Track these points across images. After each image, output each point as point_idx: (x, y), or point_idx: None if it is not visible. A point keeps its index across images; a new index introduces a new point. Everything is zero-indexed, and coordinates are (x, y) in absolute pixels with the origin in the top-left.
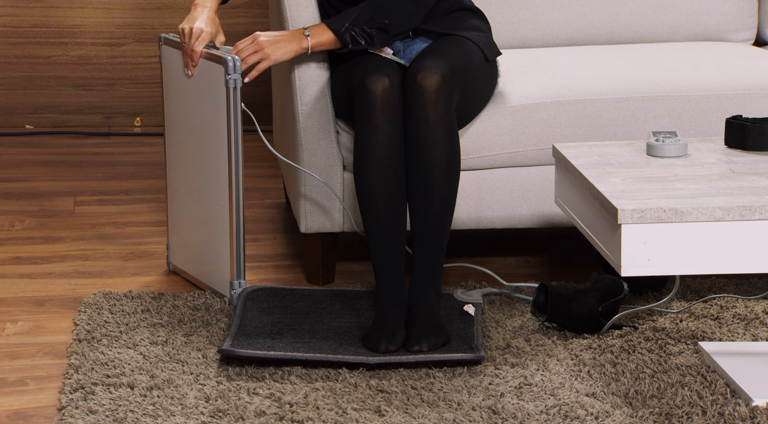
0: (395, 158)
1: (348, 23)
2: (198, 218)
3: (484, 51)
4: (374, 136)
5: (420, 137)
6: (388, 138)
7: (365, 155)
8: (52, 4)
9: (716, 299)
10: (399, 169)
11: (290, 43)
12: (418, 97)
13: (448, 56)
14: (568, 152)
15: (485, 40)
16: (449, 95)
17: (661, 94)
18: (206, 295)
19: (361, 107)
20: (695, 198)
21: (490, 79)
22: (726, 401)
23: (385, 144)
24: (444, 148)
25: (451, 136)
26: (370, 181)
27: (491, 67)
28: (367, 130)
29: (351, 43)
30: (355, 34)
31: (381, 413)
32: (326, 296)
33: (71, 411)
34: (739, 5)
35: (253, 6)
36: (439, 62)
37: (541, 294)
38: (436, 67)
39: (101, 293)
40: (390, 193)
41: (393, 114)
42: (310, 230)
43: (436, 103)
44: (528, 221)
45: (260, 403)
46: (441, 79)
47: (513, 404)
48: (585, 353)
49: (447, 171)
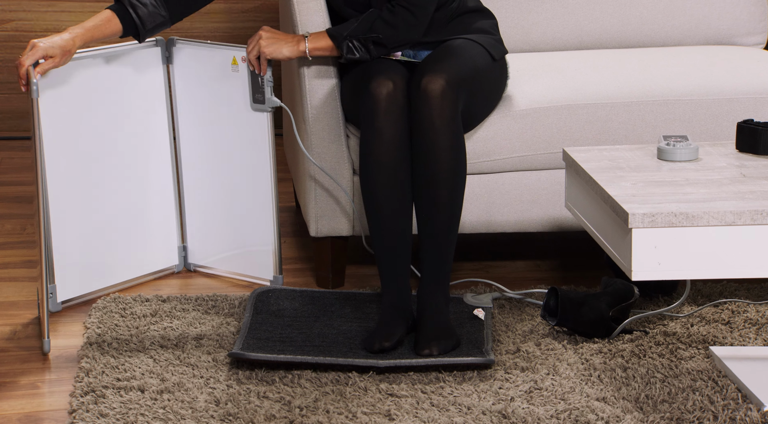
0: (400, 163)
1: (346, 33)
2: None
3: (490, 51)
4: (378, 139)
5: (426, 142)
6: (393, 142)
7: (369, 159)
8: (64, 9)
9: (727, 304)
10: (404, 173)
11: (286, 43)
12: (423, 102)
13: (454, 60)
14: (578, 156)
15: (491, 41)
16: (455, 100)
17: (672, 98)
18: (216, 298)
19: (366, 111)
20: (706, 202)
21: (498, 81)
22: (737, 406)
23: (390, 148)
24: (450, 153)
25: (458, 141)
26: (375, 185)
27: (499, 67)
28: (371, 133)
29: (346, 53)
30: (352, 46)
31: (391, 417)
32: (336, 298)
33: (82, 414)
34: (750, 9)
35: (264, 11)
36: (444, 66)
37: (552, 298)
38: (441, 72)
39: (111, 297)
40: (395, 198)
41: (398, 118)
42: (320, 233)
43: (442, 108)
44: (538, 225)
45: (270, 406)
46: (446, 84)
47: (523, 409)
48: (595, 357)
49: (453, 176)
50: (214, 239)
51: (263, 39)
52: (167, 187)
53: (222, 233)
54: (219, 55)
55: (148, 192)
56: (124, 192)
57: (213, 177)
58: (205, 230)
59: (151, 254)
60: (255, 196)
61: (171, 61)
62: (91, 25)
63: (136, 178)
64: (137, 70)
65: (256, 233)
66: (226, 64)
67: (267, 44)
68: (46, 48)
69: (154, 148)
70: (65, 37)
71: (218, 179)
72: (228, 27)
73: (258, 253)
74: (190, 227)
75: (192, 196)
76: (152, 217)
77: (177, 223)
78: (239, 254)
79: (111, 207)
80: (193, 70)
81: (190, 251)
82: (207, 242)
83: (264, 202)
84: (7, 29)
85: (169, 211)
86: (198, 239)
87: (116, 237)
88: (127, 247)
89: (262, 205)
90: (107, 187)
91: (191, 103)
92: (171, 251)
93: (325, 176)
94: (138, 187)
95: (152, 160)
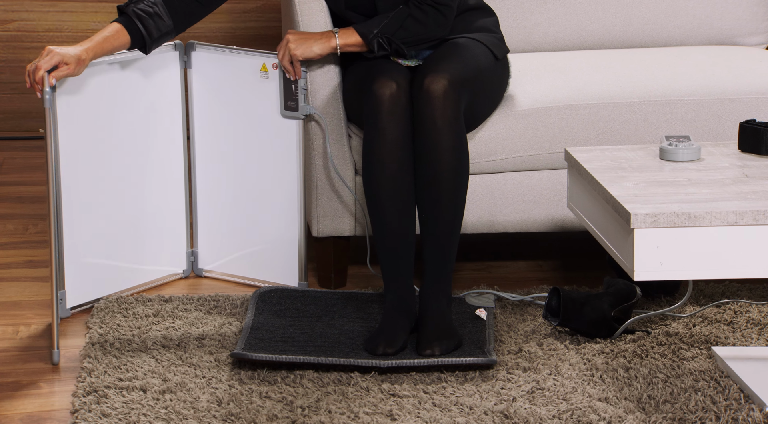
0: (403, 163)
1: (377, 30)
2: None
3: (493, 50)
4: (382, 139)
5: (428, 142)
6: (396, 142)
7: (373, 159)
8: (66, 9)
9: (729, 304)
10: (407, 173)
11: (315, 41)
12: (425, 102)
13: (456, 59)
14: (580, 156)
15: (493, 40)
16: (457, 99)
17: (674, 98)
18: (218, 298)
19: (369, 111)
20: (708, 202)
21: (500, 80)
22: (740, 407)
23: (393, 148)
24: (453, 153)
25: (460, 141)
26: (378, 185)
27: (501, 66)
28: (374, 134)
29: (378, 50)
30: (382, 42)
31: (393, 417)
32: (338, 299)
33: (84, 414)
34: (752, 9)
35: (266, 11)
36: (447, 66)
37: (554, 298)
38: (444, 72)
39: (114, 297)
40: (398, 198)
41: (401, 118)
42: (322, 234)
43: (444, 107)
44: (540, 225)
45: (272, 407)
46: (448, 84)
47: (525, 409)
48: (597, 357)
49: (456, 176)
50: (227, 245)
51: (291, 42)
52: (179, 192)
53: (237, 238)
54: (238, 60)
55: (160, 197)
56: (135, 197)
57: (230, 182)
58: (218, 235)
59: (161, 259)
60: (277, 203)
61: (189, 65)
62: (101, 38)
63: (148, 183)
64: (153, 75)
65: (278, 239)
66: (246, 68)
67: (296, 46)
68: (62, 55)
69: (167, 154)
70: (78, 49)
71: (236, 185)
72: (230, 27)
73: (280, 259)
74: (202, 233)
75: (206, 201)
76: (164, 223)
77: (187, 228)
78: (257, 260)
79: (121, 212)
80: (212, 75)
81: (200, 257)
82: (220, 248)
83: (289, 209)
84: (9, 29)
85: (180, 216)
86: (209, 245)
87: (127, 243)
88: (136, 252)
89: (286, 211)
90: (119, 192)
91: (209, 108)
92: (180, 256)
93: (328, 177)
94: (149, 192)
95: (165, 165)
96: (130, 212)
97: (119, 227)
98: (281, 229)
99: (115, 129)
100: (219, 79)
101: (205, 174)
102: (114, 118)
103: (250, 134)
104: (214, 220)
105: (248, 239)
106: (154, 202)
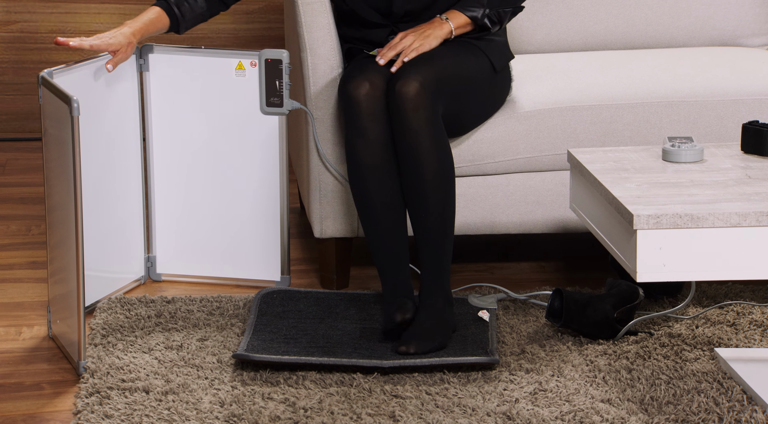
0: (388, 164)
1: (485, 6)
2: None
3: (492, 60)
4: (363, 141)
5: (407, 145)
6: (379, 143)
7: (356, 161)
8: (69, 10)
9: (732, 305)
10: (393, 174)
11: (433, 30)
12: (398, 105)
13: (435, 63)
14: (583, 157)
15: (496, 48)
16: (431, 102)
17: (677, 100)
18: (221, 299)
19: (347, 112)
20: (711, 204)
21: (497, 87)
22: (742, 408)
23: (376, 149)
24: (432, 154)
25: (440, 143)
26: (364, 188)
27: (500, 75)
28: (354, 135)
29: (492, 26)
30: (492, 16)
31: (395, 419)
32: (340, 299)
33: (87, 415)
34: (755, 10)
35: (268, 11)
36: (421, 69)
37: (556, 300)
38: (416, 75)
39: (116, 298)
40: (386, 200)
41: (380, 118)
42: (324, 234)
43: (416, 110)
44: (543, 227)
45: (275, 408)
46: (420, 87)
47: (528, 410)
48: (600, 358)
49: (439, 176)
50: (192, 248)
51: (416, 41)
52: (136, 197)
53: (204, 240)
54: (206, 60)
55: (118, 204)
56: (97, 205)
57: (196, 183)
58: (181, 239)
59: (120, 266)
60: (253, 199)
61: (146, 68)
62: (147, 20)
63: (106, 189)
64: (111, 80)
65: (254, 236)
66: (216, 68)
67: (422, 43)
68: (109, 43)
69: (125, 160)
70: (125, 32)
71: (204, 185)
72: (232, 28)
73: (257, 255)
74: (160, 237)
75: (164, 205)
76: (124, 229)
77: (144, 234)
78: (230, 259)
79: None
80: (173, 77)
81: (158, 262)
82: (182, 251)
83: (268, 204)
84: (12, 31)
85: (138, 222)
86: (169, 249)
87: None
88: (97, 261)
89: (263, 207)
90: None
91: (170, 111)
92: (138, 262)
93: (330, 177)
94: (108, 199)
95: (122, 171)
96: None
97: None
98: (258, 225)
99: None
100: (182, 81)
101: (164, 178)
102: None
103: (218, 134)
104: (175, 224)
105: (218, 238)
106: (113, 210)
